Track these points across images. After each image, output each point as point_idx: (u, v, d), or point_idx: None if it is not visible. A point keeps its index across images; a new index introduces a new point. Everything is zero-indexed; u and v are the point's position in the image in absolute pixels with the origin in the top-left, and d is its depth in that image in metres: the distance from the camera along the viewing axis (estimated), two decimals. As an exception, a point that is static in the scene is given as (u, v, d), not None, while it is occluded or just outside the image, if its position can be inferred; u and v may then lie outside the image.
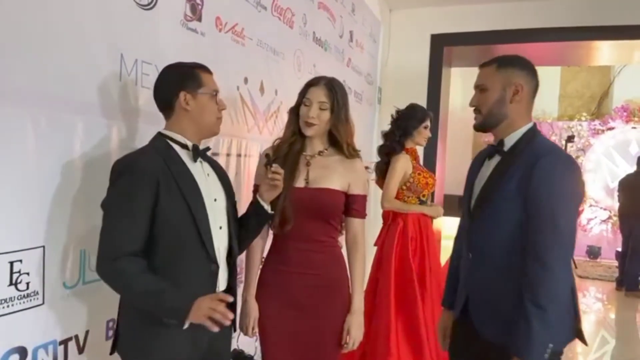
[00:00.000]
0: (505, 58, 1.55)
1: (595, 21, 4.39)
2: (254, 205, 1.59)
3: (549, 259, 1.36)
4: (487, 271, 1.50)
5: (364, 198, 1.78)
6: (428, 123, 2.96)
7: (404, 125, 2.91)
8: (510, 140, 1.51)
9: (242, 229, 1.59)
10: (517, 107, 1.50)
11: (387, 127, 3.04)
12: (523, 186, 1.40)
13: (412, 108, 2.98)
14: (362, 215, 1.79)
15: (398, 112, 2.98)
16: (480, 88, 1.54)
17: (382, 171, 2.94)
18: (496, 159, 1.54)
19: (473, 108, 1.56)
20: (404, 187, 2.90)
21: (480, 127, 1.57)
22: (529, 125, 1.52)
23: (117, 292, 1.34)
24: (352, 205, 1.75)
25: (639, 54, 5.45)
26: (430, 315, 2.86)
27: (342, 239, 1.83)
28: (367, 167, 1.88)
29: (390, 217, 2.96)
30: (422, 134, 2.95)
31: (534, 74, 1.53)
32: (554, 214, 1.37)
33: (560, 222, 1.37)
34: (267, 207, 1.57)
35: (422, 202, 2.95)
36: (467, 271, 1.57)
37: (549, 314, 1.35)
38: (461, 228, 1.71)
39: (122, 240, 1.29)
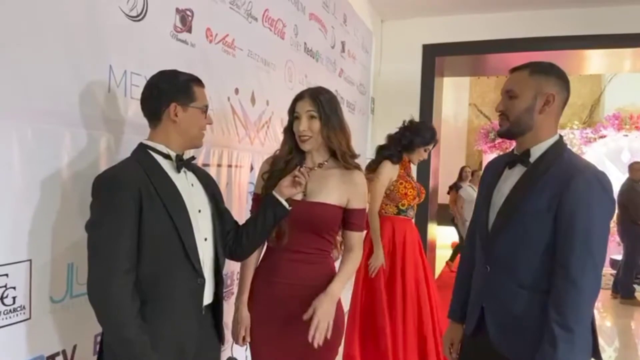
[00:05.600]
0: (539, 64, 1.46)
1: (586, 30, 4.44)
2: (271, 201, 1.55)
3: (581, 280, 1.31)
4: (509, 286, 1.43)
5: (362, 211, 1.76)
6: (430, 147, 2.98)
7: (411, 138, 2.91)
8: (536, 151, 1.44)
9: (253, 229, 1.56)
10: (545, 118, 1.43)
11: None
12: (555, 203, 1.35)
13: (425, 127, 2.99)
14: (361, 228, 1.77)
15: (412, 122, 2.97)
16: (509, 94, 1.45)
17: (373, 170, 2.94)
18: (519, 169, 1.47)
19: (499, 113, 1.49)
20: (384, 195, 2.91)
21: (505, 135, 1.50)
22: (556, 137, 1.46)
23: (97, 313, 1.27)
24: (351, 219, 1.73)
25: (629, 62, 5.51)
26: (402, 327, 2.84)
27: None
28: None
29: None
30: (420, 154, 2.97)
31: (567, 85, 1.45)
32: (589, 234, 1.32)
33: (594, 243, 1.33)
34: (285, 203, 1.55)
35: (400, 211, 2.95)
36: (483, 284, 1.50)
37: (577, 337, 1.31)
38: (472, 237, 1.66)
39: (118, 258, 1.25)
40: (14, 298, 1.32)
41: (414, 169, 3.26)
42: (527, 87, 1.43)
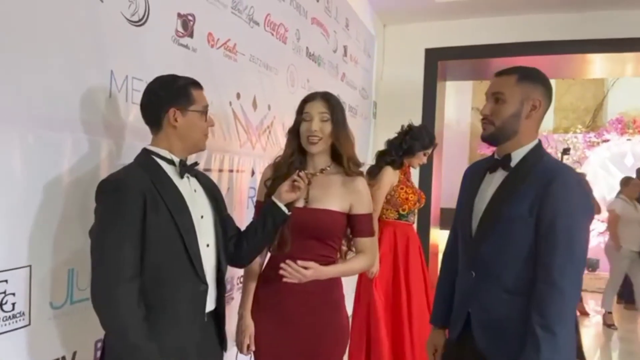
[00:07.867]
0: (526, 70, 1.46)
1: (588, 34, 4.43)
2: (270, 206, 1.56)
3: (562, 282, 1.32)
4: (495, 291, 1.44)
5: (368, 216, 1.75)
6: (430, 151, 3.00)
7: (411, 143, 2.91)
8: (517, 156, 1.45)
9: (253, 235, 1.56)
10: (529, 124, 1.45)
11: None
12: (536, 207, 1.36)
13: (424, 131, 3.00)
14: (369, 233, 1.75)
15: (410, 127, 2.97)
16: (496, 97, 1.45)
17: (374, 175, 2.93)
18: (500, 174, 1.48)
19: (482, 117, 1.48)
20: (385, 200, 2.90)
21: (489, 139, 1.49)
22: (535, 141, 1.47)
23: (101, 320, 1.27)
24: (357, 225, 1.72)
25: (631, 66, 5.49)
26: (409, 334, 2.82)
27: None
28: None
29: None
30: (420, 159, 2.99)
31: (550, 93, 1.47)
32: (570, 236, 1.33)
33: (575, 244, 1.34)
34: (284, 208, 1.55)
35: (401, 216, 2.95)
36: (469, 290, 1.50)
37: (559, 338, 1.31)
38: (453, 243, 1.66)
39: (123, 264, 1.24)
40: (13, 304, 1.31)
41: (415, 173, 3.25)
42: (515, 92, 1.43)
